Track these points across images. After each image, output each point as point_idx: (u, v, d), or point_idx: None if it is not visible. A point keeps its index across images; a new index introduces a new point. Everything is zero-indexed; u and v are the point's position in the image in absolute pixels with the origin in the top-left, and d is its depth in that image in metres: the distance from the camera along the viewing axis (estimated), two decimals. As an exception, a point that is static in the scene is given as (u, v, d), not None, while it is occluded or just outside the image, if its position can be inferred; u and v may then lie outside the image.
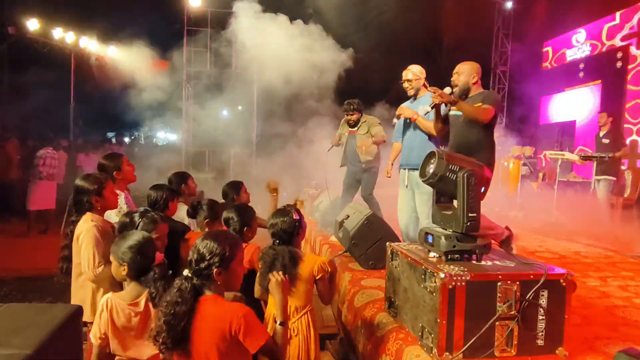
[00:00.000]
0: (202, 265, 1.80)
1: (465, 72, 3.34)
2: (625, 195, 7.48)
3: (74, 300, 2.62)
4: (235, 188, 3.88)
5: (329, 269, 2.43)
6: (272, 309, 2.39)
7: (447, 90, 3.39)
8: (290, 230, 2.43)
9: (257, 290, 2.45)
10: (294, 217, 2.46)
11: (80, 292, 2.60)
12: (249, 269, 2.54)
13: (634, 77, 9.17)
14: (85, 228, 2.54)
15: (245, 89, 10.75)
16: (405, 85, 4.20)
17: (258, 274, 2.37)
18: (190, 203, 3.38)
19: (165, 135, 24.24)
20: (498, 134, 9.98)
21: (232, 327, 1.70)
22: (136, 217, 2.50)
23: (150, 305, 2.09)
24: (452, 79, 3.41)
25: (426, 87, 4.25)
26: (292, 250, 2.37)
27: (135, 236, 2.15)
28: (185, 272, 1.81)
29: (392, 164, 4.64)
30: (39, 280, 5.03)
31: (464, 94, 3.36)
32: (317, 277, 2.39)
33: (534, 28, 11.60)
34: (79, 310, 1.89)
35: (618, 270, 4.22)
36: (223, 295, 1.87)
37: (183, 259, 2.51)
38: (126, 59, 11.93)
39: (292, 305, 2.36)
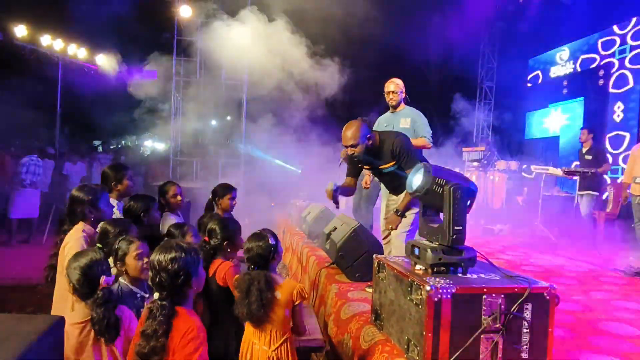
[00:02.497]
0: (177, 282, 1.76)
1: (359, 141, 3.09)
2: (608, 210, 7.61)
3: (54, 311, 2.57)
4: (227, 190, 3.95)
5: (306, 296, 2.40)
6: (250, 335, 2.37)
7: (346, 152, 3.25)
8: (266, 255, 2.38)
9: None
10: (270, 242, 2.41)
11: (61, 302, 2.56)
12: (222, 286, 2.52)
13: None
14: (74, 238, 2.52)
15: (234, 99, 10.76)
16: (390, 96, 4.30)
17: (236, 300, 2.32)
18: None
19: (152, 144, 24.07)
20: (483, 147, 10.12)
21: (181, 338, 1.71)
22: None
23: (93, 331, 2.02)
24: (349, 154, 3.20)
25: (406, 101, 4.37)
26: (267, 275, 2.33)
27: (85, 257, 2.08)
28: (157, 295, 1.75)
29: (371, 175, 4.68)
30: (19, 290, 4.93)
31: (371, 154, 3.19)
32: (296, 303, 2.34)
33: (519, 45, 11.86)
34: (60, 321, 1.85)
35: (601, 284, 4.28)
36: (191, 306, 1.86)
37: None
38: (114, 67, 11.88)
39: (272, 331, 2.31)
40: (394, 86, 4.27)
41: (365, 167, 3.44)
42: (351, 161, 3.42)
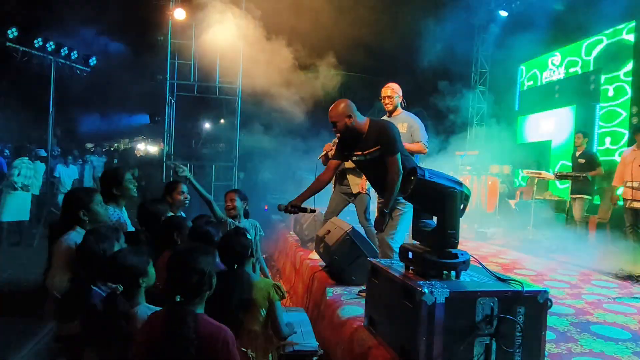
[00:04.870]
0: (202, 285, 1.73)
1: (339, 119, 3.16)
2: (599, 214, 7.67)
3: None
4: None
5: (285, 294, 2.40)
6: None
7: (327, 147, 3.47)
8: (244, 252, 2.38)
9: None
10: (249, 238, 2.40)
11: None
12: None
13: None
14: (63, 243, 2.49)
15: (228, 103, 10.74)
16: (386, 101, 4.30)
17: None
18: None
19: (145, 147, 23.95)
20: (476, 152, 10.17)
21: (214, 345, 1.67)
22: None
23: None
24: (333, 130, 3.28)
25: (403, 105, 4.35)
26: (246, 274, 2.34)
27: None
28: (178, 298, 1.71)
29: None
30: (10, 293, 4.88)
31: (351, 135, 3.22)
32: (275, 301, 2.34)
33: (511, 50, 11.93)
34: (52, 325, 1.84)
35: (592, 287, 4.31)
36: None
37: None
38: (108, 70, 11.83)
39: (250, 331, 2.31)
40: (390, 91, 4.25)
41: (351, 153, 3.36)
42: (339, 141, 3.40)
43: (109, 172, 3.40)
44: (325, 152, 4.98)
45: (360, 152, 3.27)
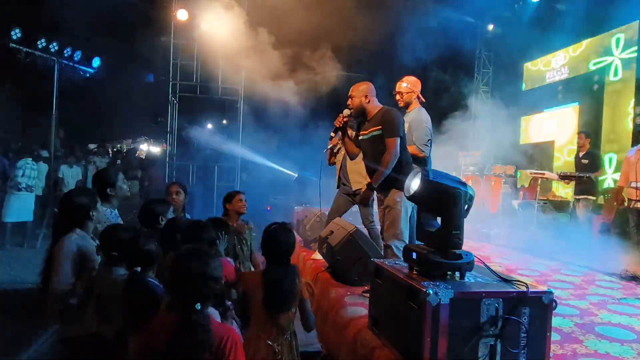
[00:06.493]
0: (217, 290, 1.72)
1: (356, 95, 3.52)
2: (603, 214, 7.63)
3: None
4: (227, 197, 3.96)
5: (314, 290, 2.42)
6: (257, 329, 2.36)
7: (347, 112, 3.62)
8: (292, 249, 2.44)
9: None
10: (295, 236, 2.47)
11: None
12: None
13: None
14: (62, 243, 2.48)
15: (231, 103, 10.76)
16: (397, 97, 4.18)
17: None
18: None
19: (148, 147, 23.98)
20: (479, 152, 10.14)
21: (222, 346, 1.66)
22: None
23: None
24: (347, 103, 3.58)
25: (420, 101, 4.22)
26: (297, 268, 2.42)
27: None
28: (199, 305, 1.65)
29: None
30: (13, 294, 4.89)
31: (361, 114, 3.56)
32: (305, 299, 2.37)
33: (514, 50, 11.92)
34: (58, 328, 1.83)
35: (597, 288, 4.29)
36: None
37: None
38: (112, 70, 11.85)
39: (280, 325, 2.33)
40: (403, 87, 4.14)
41: (359, 133, 3.63)
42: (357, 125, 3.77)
43: (103, 172, 3.39)
44: (330, 145, 4.94)
45: (365, 132, 3.52)
